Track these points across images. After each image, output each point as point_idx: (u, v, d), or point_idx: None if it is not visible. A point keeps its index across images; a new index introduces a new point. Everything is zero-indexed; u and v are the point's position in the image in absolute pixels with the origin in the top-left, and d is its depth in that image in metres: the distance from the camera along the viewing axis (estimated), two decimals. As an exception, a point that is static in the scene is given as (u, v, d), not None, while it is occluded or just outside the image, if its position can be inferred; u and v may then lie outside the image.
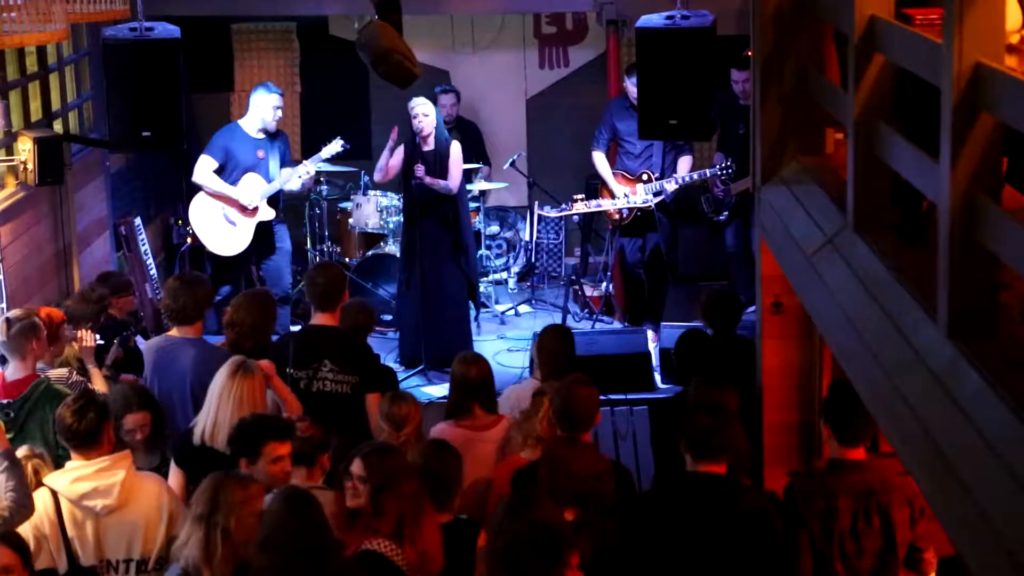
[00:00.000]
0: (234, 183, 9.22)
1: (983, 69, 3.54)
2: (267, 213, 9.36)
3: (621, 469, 5.68)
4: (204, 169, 9.21)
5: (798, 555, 4.96)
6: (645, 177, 9.51)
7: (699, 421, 4.99)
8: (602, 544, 4.87)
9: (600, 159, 9.66)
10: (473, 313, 9.74)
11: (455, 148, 9.08)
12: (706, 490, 4.92)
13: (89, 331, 6.63)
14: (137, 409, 5.63)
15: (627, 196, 9.47)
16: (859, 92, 4.72)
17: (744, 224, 9.43)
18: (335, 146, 9.50)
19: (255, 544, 4.33)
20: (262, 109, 9.23)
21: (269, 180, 9.27)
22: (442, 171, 8.97)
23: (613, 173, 9.59)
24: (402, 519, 4.60)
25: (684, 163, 9.54)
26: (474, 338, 9.48)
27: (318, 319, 6.39)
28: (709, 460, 4.93)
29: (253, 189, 9.22)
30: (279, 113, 9.30)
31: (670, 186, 9.39)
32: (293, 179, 9.34)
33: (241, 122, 9.36)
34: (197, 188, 9.30)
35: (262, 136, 9.30)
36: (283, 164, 9.40)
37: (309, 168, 9.44)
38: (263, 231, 9.38)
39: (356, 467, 4.73)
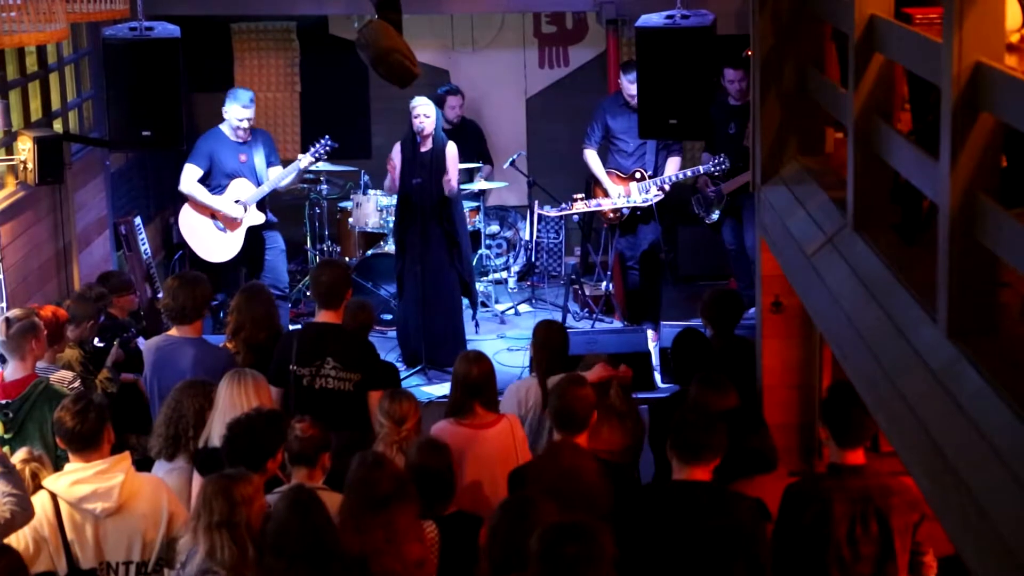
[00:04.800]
0: (220, 189, 9.22)
1: (983, 68, 3.54)
2: (256, 217, 9.32)
3: (619, 468, 5.68)
4: (190, 178, 9.22)
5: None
6: (638, 175, 9.49)
7: (685, 424, 4.95)
8: None
9: (592, 157, 9.63)
10: (471, 312, 9.73)
11: (451, 148, 9.06)
12: (689, 501, 4.86)
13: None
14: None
15: (624, 196, 9.45)
16: (859, 91, 4.72)
17: (740, 223, 9.42)
18: (322, 147, 9.47)
19: (265, 546, 4.34)
20: (231, 119, 9.21)
21: (258, 183, 9.27)
22: (439, 171, 8.96)
23: (607, 172, 9.58)
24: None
25: (672, 164, 9.54)
26: (473, 337, 9.47)
27: (322, 316, 6.38)
28: (694, 464, 4.88)
29: (243, 194, 9.20)
30: (247, 122, 9.18)
31: (666, 187, 9.41)
32: (288, 177, 9.33)
33: (223, 127, 9.33)
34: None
35: (242, 140, 9.31)
36: (269, 164, 9.39)
37: (303, 163, 9.40)
38: (254, 236, 9.37)
39: None
